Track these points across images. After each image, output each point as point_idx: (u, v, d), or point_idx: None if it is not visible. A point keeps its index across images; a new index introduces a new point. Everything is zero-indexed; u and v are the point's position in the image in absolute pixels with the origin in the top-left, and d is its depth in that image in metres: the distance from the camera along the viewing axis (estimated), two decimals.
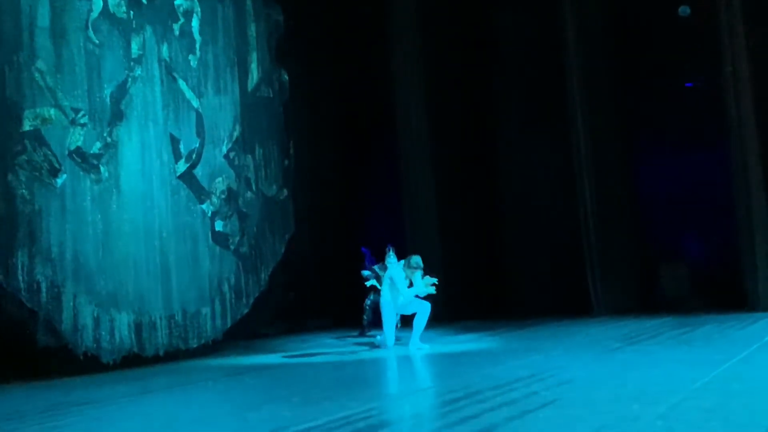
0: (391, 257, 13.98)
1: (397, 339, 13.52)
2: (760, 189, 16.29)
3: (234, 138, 15.11)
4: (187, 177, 14.03)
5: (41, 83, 11.62)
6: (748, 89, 16.47)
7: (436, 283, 12.40)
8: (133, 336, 12.52)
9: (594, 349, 11.61)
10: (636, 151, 18.04)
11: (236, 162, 15.12)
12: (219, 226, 14.59)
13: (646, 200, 17.21)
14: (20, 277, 11.06)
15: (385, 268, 14.11)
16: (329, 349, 13.62)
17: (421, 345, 12.40)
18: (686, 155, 17.33)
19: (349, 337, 15.17)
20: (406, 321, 13.52)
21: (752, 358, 9.62)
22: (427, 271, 13.11)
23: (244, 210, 15.20)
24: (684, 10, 17.08)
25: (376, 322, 14.41)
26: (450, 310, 16.76)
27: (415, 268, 12.76)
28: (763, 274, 16.30)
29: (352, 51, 18.90)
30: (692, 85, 17.69)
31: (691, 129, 17.24)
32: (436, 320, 16.75)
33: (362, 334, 15.17)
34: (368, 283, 14.99)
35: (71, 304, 11.65)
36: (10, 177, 11.07)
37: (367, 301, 15.15)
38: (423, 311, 12.59)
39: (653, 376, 8.61)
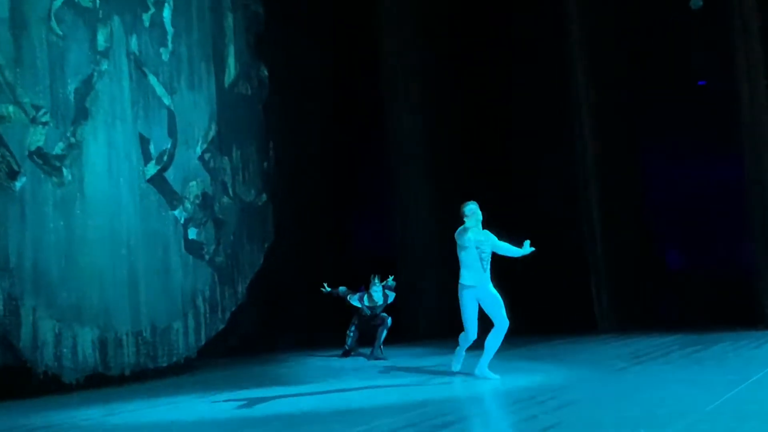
0: (376, 285, 14.46)
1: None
2: None
3: (209, 138, 15.09)
4: (158, 180, 14.00)
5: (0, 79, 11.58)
6: (763, 90, 16.56)
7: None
8: (97, 354, 12.48)
9: (598, 368, 11.68)
10: (644, 158, 18.11)
11: (212, 164, 15.10)
12: (192, 234, 14.57)
13: (655, 211, 17.25)
14: None
15: (369, 299, 14.55)
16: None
17: (488, 373, 10.29)
18: (697, 162, 17.44)
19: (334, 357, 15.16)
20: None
21: None
22: (419, 286, 13.25)
23: (220, 216, 15.19)
24: (696, 2, 17.16)
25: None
26: (445, 326, 16.79)
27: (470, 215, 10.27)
28: None
29: (338, 45, 18.93)
30: (705, 83, 17.79)
31: (701, 134, 17.34)
32: (430, 336, 16.88)
33: (346, 356, 15.13)
34: (349, 298, 14.83)
35: (30, 318, 11.59)
36: None
37: (351, 327, 15.05)
38: (500, 323, 10.28)
39: (662, 398, 8.63)
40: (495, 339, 9.91)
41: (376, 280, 14.47)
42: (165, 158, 14.15)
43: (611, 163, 18.14)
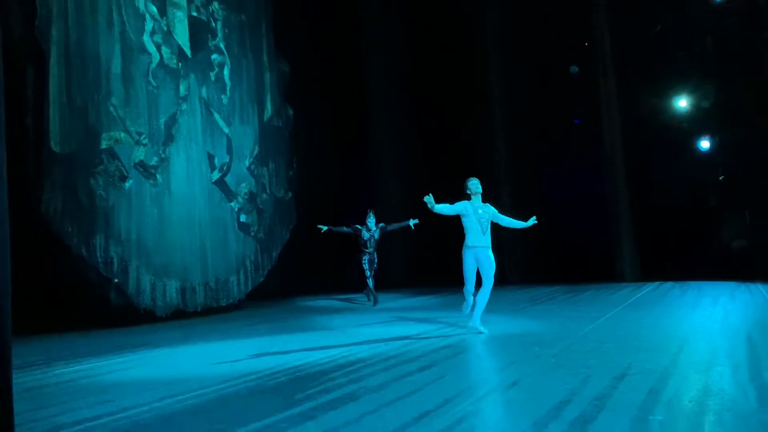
0: (371, 218, 13.09)
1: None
2: (624, 195, 16.63)
3: (254, 155, 15.09)
4: (220, 183, 14.01)
5: (114, 114, 11.60)
6: (617, 124, 16.79)
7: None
8: (179, 297, 12.53)
9: (509, 308, 11.73)
10: (542, 169, 18.19)
11: (255, 172, 15.11)
12: (243, 218, 14.59)
13: (549, 204, 17.39)
14: (98, 254, 11.07)
15: (366, 228, 13.06)
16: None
17: (481, 328, 8.52)
18: (576, 173, 17.58)
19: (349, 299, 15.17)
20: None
21: (619, 315, 9.78)
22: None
23: (261, 207, 15.20)
24: (574, 68, 17.40)
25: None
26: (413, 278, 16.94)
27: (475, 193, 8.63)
28: (627, 254, 16.61)
29: (338, 97, 18.92)
30: (579, 121, 17.91)
31: (579, 155, 17.47)
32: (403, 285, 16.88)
33: (370, 294, 13.36)
34: (349, 227, 13.20)
35: (135, 274, 11.66)
36: (92, 182, 11.07)
37: (365, 265, 13.16)
38: (488, 282, 8.46)
39: (550, 327, 8.74)
40: (484, 296, 8.35)
41: (371, 214, 13.11)
42: (225, 168, 14.15)
43: (519, 171, 18.28)
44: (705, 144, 16.33)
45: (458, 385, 5.42)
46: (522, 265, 17.95)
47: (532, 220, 8.65)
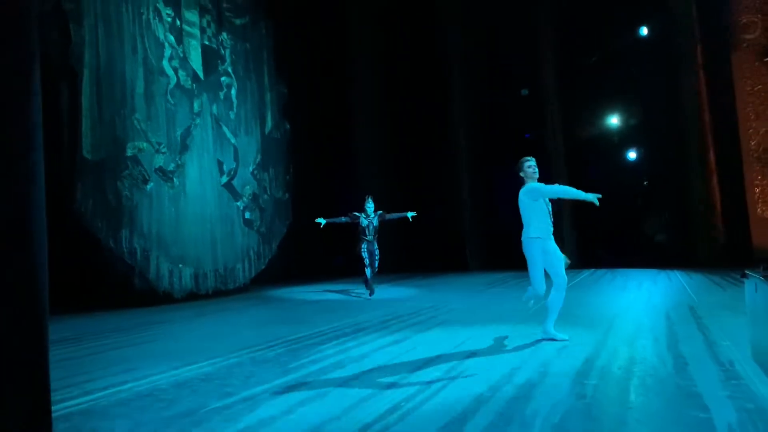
0: (369, 203, 11.13)
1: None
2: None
3: (256, 162, 14.98)
4: (228, 186, 13.89)
5: (138, 127, 11.45)
6: (561, 138, 16.89)
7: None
8: (193, 282, 12.40)
9: (468, 290, 11.79)
10: (493, 178, 18.20)
11: (258, 177, 15.00)
12: (247, 215, 14.47)
13: (504, 199, 17.44)
14: (124, 246, 10.93)
15: (365, 215, 11.07)
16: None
17: (554, 333, 5.97)
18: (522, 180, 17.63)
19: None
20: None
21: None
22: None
23: (263, 206, 15.09)
24: (524, 91, 17.51)
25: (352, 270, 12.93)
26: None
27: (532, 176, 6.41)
28: (567, 245, 16.65)
29: (328, 113, 18.86)
30: (529, 136, 18.01)
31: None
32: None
33: (367, 284, 11.22)
34: (348, 216, 11.23)
35: (155, 262, 11.51)
36: (118, 184, 10.93)
37: (364, 254, 11.04)
38: (560, 281, 6.00)
39: (504, 307, 8.78)
40: (558, 297, 5.95)
41: (369, 199, 11.22)
42: (232, 173, 14.02)
43: (478, 175, 18.35)
44: (632, 155, 16.55)
45: (427, 356, 5.43)
46: (480, 254, 17.99)
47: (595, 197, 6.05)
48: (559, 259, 6.05)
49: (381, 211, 11.32)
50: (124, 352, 6.34)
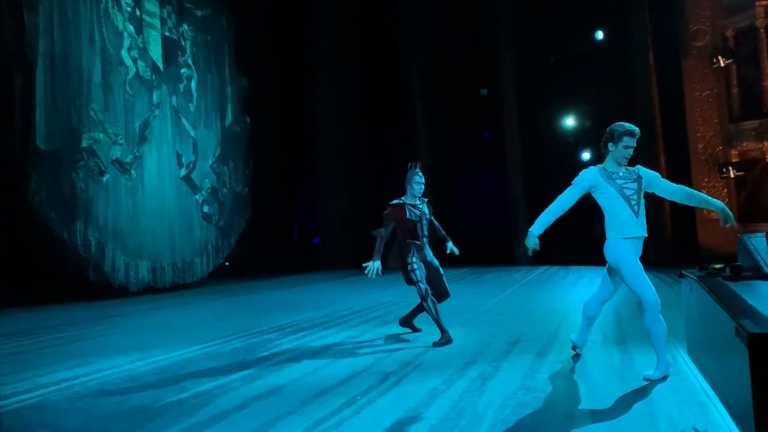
0: (419, 179, 6.06)
1: None
2: (522, 195, 17.00)
3: (216, 155, 14.79)
4: (187, 178, 13.69)
5: (95, 117, 11.20)
6: (517, 137, 17.14)
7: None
8: (150, 275, 12.21)
9: None
10: (455, 174, 18.41)
11: (217, 170, 14.81)
12: (206, 209, 14.29)
13: (462, 197, 17.61)
14: (78, 238, 10.69)
15: (411, 206, 6.03)
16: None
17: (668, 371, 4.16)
18: (484, 178, 17.91)
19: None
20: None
21: (515, 292, 10.01)
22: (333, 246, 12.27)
23: (222, 200, 14.92)
24: (483, 91, 17.70)
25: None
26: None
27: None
28: (522, 243, 16.94)
29: (288, 107, 18.72)
30: (488, 135, 18.20)
31: (491, 163, 17.76)
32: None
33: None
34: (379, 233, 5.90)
35: (111, 255, 11.29)
36: (73, 175, 10.68)
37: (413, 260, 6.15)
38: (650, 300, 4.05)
39: (459, 302, 8.87)
40: (659, 322, 4.08)
41: (419, 171, 6.08)
42: (191, 166, 13.83)
43: (438, 174, 18.45)
44: (586, 155, 16.88)
45: (384, 350, 5.46)
46: (440, 250, 18.12)
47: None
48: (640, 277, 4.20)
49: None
50: (78, 346, 6.20)
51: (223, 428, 3.42)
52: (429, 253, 6.25)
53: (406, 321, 6.43)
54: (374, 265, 5.55)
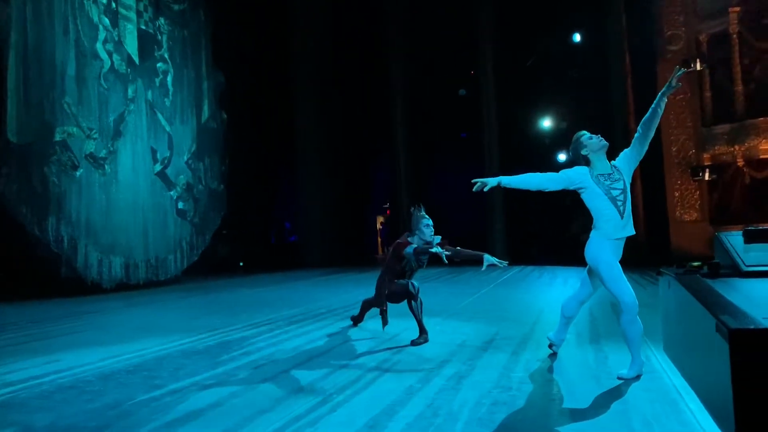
0: (425, 217, 6.14)
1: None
2: (499, 195, 17.09)
3: (191, 151, 14.64)
4: (161, 174, 13.53)
5: (68, 111, 11.01)
6: (495, 138, 17.23)
7: None
8: (123, 272, 12.06)
9: None
10: (432, 171, 18.48)
11: (193, 166, 14.67)
12: (180, 205, 14.14)
13: (440, 197, 17.61)
14: (50, 233, 10.50)
15: (422, 239, 5.95)
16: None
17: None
18: (460, 175, 17.95)
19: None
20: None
21: (490, 292, 10.06)
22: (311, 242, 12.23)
23: (197, 196, 14.77)
24: (462, 91, 17.78)
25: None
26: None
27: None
28: (498, 243, 17.08)
29: (266, 104, 18.63)
30: (465, 135, 18.29)
31: (464, 161, 17.85)
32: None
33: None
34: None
35: (84, 251, 11.13)
36: (45, 169, 10.50)
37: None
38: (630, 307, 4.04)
39: (436, 301, 8.88)
40: (635, 324, 4.09)
41: (422, 210, 6.23)
42: (166, 162, 13.67)
43: (415, 173, 18.50)
44: (562, 156, 17.01)
45: (359, 349, 5.45)
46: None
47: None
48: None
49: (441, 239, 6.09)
50: (48, 344, 6.08)
51: (198, 426, 3.38)
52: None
53: (358, 318, 6.65)
54: (491, 259, 5.14)
